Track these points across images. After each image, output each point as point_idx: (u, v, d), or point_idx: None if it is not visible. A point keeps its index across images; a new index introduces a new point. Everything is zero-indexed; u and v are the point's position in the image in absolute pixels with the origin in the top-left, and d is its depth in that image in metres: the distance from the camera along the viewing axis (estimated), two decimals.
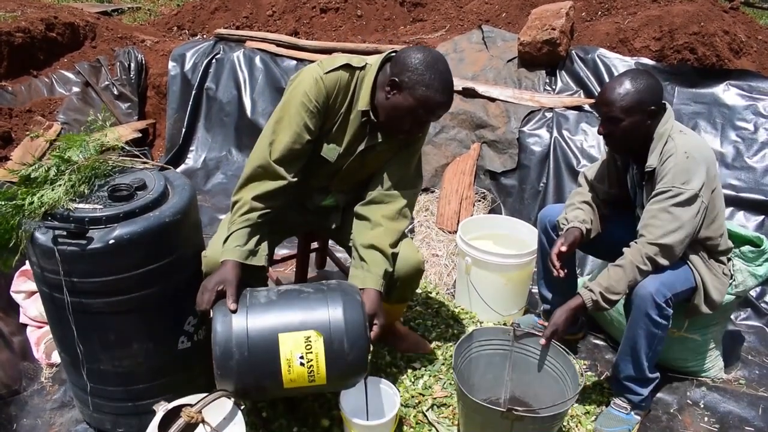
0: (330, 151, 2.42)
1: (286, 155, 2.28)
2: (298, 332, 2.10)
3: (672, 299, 2.43)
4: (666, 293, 2.41)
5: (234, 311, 2.09)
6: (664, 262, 2.40)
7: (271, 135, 2.29)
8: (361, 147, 2.41)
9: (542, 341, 2.47)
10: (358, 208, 2.50)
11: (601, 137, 2.84)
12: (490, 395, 2.61)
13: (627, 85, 2.42)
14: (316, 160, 2.43)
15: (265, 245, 2.31)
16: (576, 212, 2.72)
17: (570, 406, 2.27)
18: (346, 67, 2.30)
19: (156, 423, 2.02)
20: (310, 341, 2.09)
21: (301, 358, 2.09)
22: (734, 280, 2.69)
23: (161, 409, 2.06)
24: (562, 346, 2.44)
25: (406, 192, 2.50)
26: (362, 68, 2.33)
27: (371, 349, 2.28)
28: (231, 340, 2.05)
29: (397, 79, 2.20)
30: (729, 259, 2.68)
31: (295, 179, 2.33)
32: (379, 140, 2.39)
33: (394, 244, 2.43)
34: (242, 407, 2.21)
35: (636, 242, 2.45)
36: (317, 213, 2.67)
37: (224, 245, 2.22)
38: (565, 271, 2.63)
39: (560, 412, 2.21)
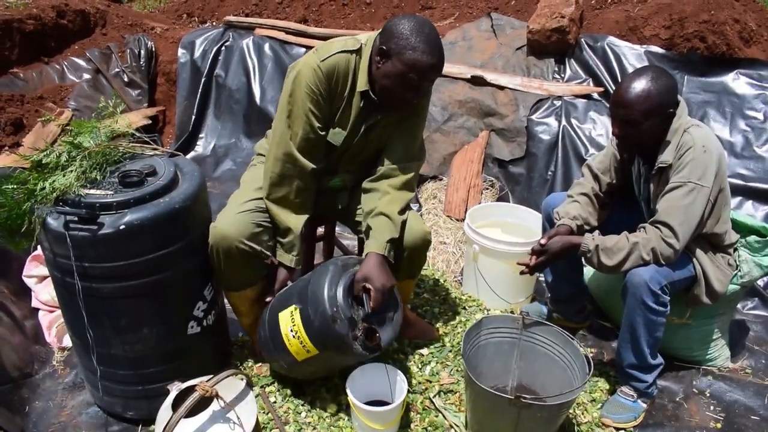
0: (335, 136, 2.46)
1: (304, 146, 2.38)
2: (286, 309, 2.36)
3: (668, 287, 2.43)
4: (661, 280, 2.41)
5: (268, 303, 2.50)
6: (668, 251, 2.40)
7: (286, 129, 2.36)
8: (364, 126, 2.44)
9: (532, 261, 2.60)
10: (366, 184, 2.55)
11: (609, 126, 2.81)
12: (497, 383, 2.63)
13: (647, 87, 2.34)
14: (325, 146, 2.48)
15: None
16: (569, 207, 2.71)
17: (577, 395, 2.28)
18: (342, 52, 2.33)
19: (170, 401, 2.06)
20: (293, 315, 2.32)
21: (292, 331, 2.32)
22: (740, 270, 2.68)
23: (175, 388, 2.10)
24: (571, 336, 2.45)
25: (412, 164, 2.54)
26: (358, 50, 2.35)
27: (365, 312, 2.28)
28: (262, 323, 2.52)
29: (384, 47, 2.22)
30: (735, 250, 2.67)
31: (319, 166, 2.44)
32: (379, 117, 2.43)
33: (402, 211, 2.47)
34: (253, 388, 2.24)
35: (658, 227, 2.41)
36: (325, 194, 2.70)
37: (281, 251, 2.50)
38: (528, 269, 2.65)
39: (568, 400, 2.23)
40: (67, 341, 2.87)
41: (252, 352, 2.88)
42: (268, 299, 2.50)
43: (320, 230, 3.26)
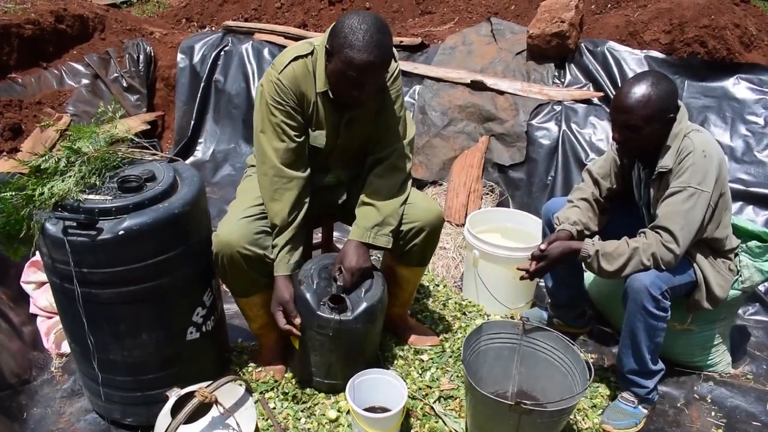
0: (317, 138, 2.49)
1: (287, 157, 2.40)
2: None
3: (669, 292, 2.42)
4: (662, 285, 2.40)
5: (298, 325, 2.44)
6: (668, 257, 2.39)
7: (266, 146, 2.40)
8: (343, 122, 2.47)
9: (532, 266, 2.61)
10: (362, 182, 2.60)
11: (609, 131, 2.81)
12: (497, 388, 2.62)
13: (647, 92, 2.33)
14: (309, 149, 2.51)
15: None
16: (569, 212, 2.71)
17: (578, 401, 2.27)
18: (296, 59, 2.35)
19: (169, 407, 2.04)
20: None
21: None
22: (740, 275, 2.67)
23: (174, 394, 2.08)
24: (571, 341, 2.44)
25: (394, 147, 2.56)
26: (311, 53, 2.37)
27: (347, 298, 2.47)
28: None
29: (328, 46, 2.23)
30: (736, 255, 2.67)
31: (308, 172, 2.47)
32: (352, 111, 2.45)
33: (392, 195, 2.52)
34: (252, 394, 2.23)
35: (658, 232, 2.41)
36: (322, 192, 2.71)
37: (276, 259, 2.45)
38: (528, 274, 2.66)
39: (568, 406, 2.22)
40: (66, 347, 2.86)
41: (254, 357, 2.87)
42: (297, 321, 2.44)
43: (317, 237, 3.25)
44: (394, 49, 2.40)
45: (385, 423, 2.36)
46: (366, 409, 2.41)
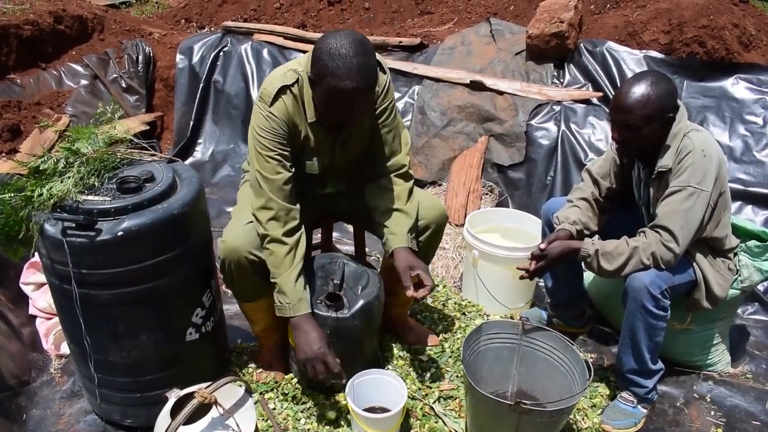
0: (313, 166, 2.48)
1: (281, 189, 2.33)
2: None
3: (668, 291, 2.42)
4: (661, 285, 2.40)
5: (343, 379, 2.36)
6: (668, 256, 2.39)
7: (262, 180, 2.32)
8: (338, 145, 2.45)
9: (531, 266, 2.61)
10: (367, 191, 2.56)
11: (608, 131, 2.81)
12: (497, 388, 2.62)
13: (647, 91, 2.33)
14: (305, 175, 2.49)
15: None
16: (569, 212, 2.71)
17: (578, 401, 2.27)
18: (283, 90, 2.29)
19: (168, 408, 2.04)
20: None
21: None
22: (740, 275, 2.67)
23: (173, 395, 2.09)
24: (570, 341, 2.44)
25: (397, 158, 2.53)
26: (297, 82, 2.31)
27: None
28: None
29: (311, 75, 2.20)
30: (735, 254, 2.67)
31: (298, 202, 2.41)
32: (346, 132, 2.42)
33: (407, 201, 2.49)
34: (252, 395, 2.23)
35: (658, 231, 2.41)
36: (323, 199, 2.71)
37: (290, 293, 2.33)
38: (528, 274, 2.66)
39: (568, 406, 2.22)
40: (65, 348, 2.86)
41: (254, 358, 2.87)
42: (343, 381, 2.39)
43: (316, 238, 3.24)
44: (384, 60, 2.38)
45: (385, 423, 2.36)
46: (366, 410, 2.40)
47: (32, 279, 3.06)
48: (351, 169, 2.61)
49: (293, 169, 2.37)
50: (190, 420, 1.96)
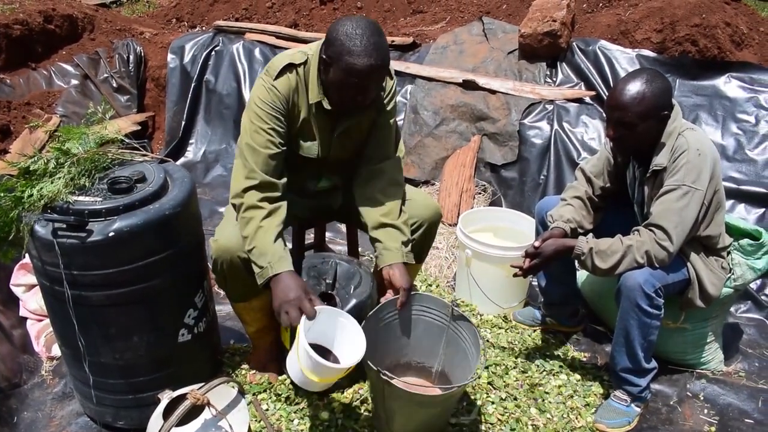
0: (309, 149, 2.46)
1: (268, 164, 2.30)
2: None
3: (662, 290, 2.43)
4: (655, 283, 2.40)
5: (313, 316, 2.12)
6: (662, 254, 2.39)
7: (250, 151, 2.29)
8: (336, 134, 2.43)
9: (525, 263, 2.60)
10: (357, 190, 2.53)
11: (601, 130, 2.80)
12: (423, 360, 2.57)
13: (642, 89, 2.34)
14: (300, 159, 2.47)
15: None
16: (563, 210, 2.71)
17: (446, 396, 2.24)
18: (290, 67, 2.31)
19: (161, 410, 2.04)
20: None
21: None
22: (733, 273, 2.68)
23: (166, 396, 2.08)
24: (483, 338, 2.35)
25: (391, 162, 2.53)
26: (305, 62, 2.33)
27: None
28: None
29: (325, 56, 2.20)
30: (728, 253, 2.67)
31: (284, 180, 2.35)
32: (346, 123, 2.41)
33: (400, 213, 2.45)
34: (245, 396, 2.22)
35: (652, 230, 2.41)
36: (316, 197, 2.69)
37: (270, 252, 2.20)
38: (522, 272, 2.64)
39: (430, 395, 2.24)
40: (56, 350, 2.84)
41: (247, 359, 2.85)
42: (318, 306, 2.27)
43: (309, 238, 3.23)
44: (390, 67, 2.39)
45: (325, 372, 2.03)
46: (313, 346, 2.01)
47: (23, 281, 3.04)
48: (346, 163, 2.60)
49: (283, 148, 2.35)
50: (183, 421, 1.95)
